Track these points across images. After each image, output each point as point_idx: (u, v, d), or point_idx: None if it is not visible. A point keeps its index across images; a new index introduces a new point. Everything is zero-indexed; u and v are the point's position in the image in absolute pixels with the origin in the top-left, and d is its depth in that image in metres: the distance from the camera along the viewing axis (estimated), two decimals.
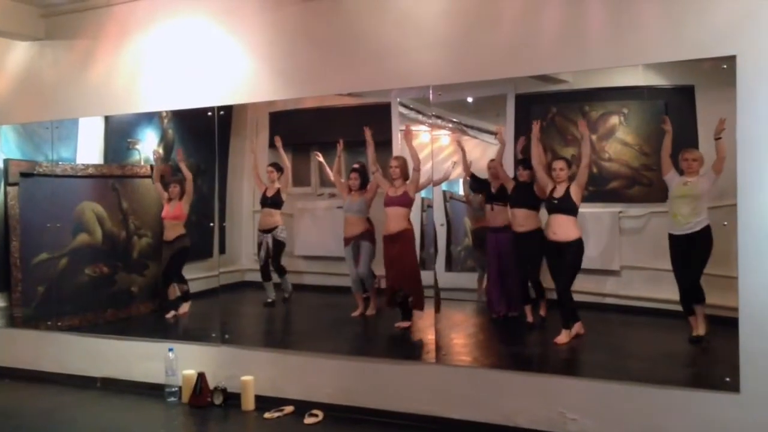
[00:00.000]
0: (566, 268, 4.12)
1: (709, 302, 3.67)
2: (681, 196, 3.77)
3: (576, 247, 4.06)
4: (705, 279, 3.67)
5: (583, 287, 4.18)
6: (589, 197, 4.16)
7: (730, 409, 3.46)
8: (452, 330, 4.60)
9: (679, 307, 3.77)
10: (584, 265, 4.15)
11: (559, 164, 4.13)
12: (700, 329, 3.73)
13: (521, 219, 4.29)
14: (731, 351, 3.45)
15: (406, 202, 4.55)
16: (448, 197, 4.73)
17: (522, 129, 4.23)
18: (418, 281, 4.56)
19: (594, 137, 4.10)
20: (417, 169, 4.49)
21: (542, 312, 4.33)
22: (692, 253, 3.76)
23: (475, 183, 4.56)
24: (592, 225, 4.17)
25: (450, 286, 4.58)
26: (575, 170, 4.08)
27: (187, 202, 5.25)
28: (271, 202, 5.13)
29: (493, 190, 4.45)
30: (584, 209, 4.15)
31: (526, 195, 4.25)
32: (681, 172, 3.77)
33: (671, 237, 3.81)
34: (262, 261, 5.13)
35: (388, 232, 4.61)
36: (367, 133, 4.61)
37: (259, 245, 5.14)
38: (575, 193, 4.06)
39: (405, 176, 4.57)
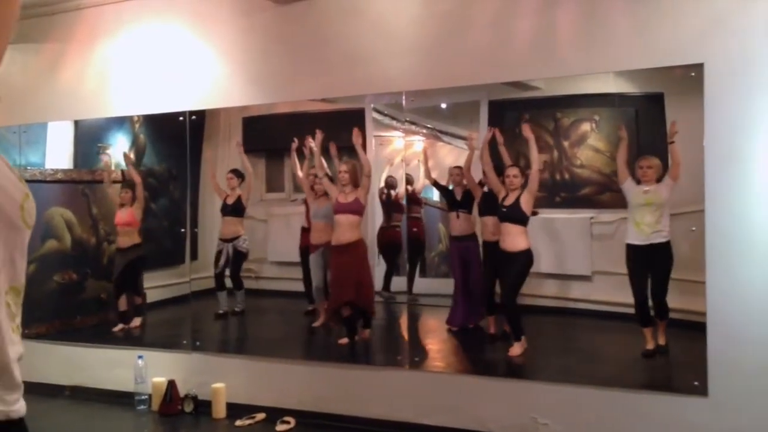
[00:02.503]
0: (512, 279, 4.05)
1: (677, 307, 3.71)
2: (644, 204, 3.76)
3: (523, 258, 4.00)
4: (672, 283, 3.71)
5: (555, 292, 4.21)
6: (562, 203, 4.19)
7: (699, 412, 3.49)
8: (425, 336, 4.60)
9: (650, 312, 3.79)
10: (557, 270, 4.18)
11: (512, 171, 4.06)
12: (660, 339, 3.75)
13: (492, 227, 4.21)
14: (699, 355, 3.49)
15: (356, 209, 4.42)
16: (423, 203, 4.73)
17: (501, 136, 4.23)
18: (371, 298, 4.50)
19: (566, 144, 4.13)
20: (368, 175, 4.40)
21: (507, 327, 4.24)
22: (654, 267, 3.78)
23: (438, 190, 4.54)
24: (565, 231, 4.20)
25: (424, 292, 4.58)
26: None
27: (139, 208, 5.13)
28: (232, 209, 4.98)
29: (457, 197, 4.43)
30: (557, 215, 4.18)
31: (496, 203, 4.16)
32: (638, 181, 3.79)
33: (631, 247, 3.81)
34: (219, 269, 4.99)
35: (338, 242, 4.45)
36: (317, 137, 4.53)
37: (219, 253, 4.99)
38: (526, 202, 3.97)
39: (355, 182, 4.45)
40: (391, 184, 4.70)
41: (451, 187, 4.46)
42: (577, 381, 3.84)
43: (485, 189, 4.26)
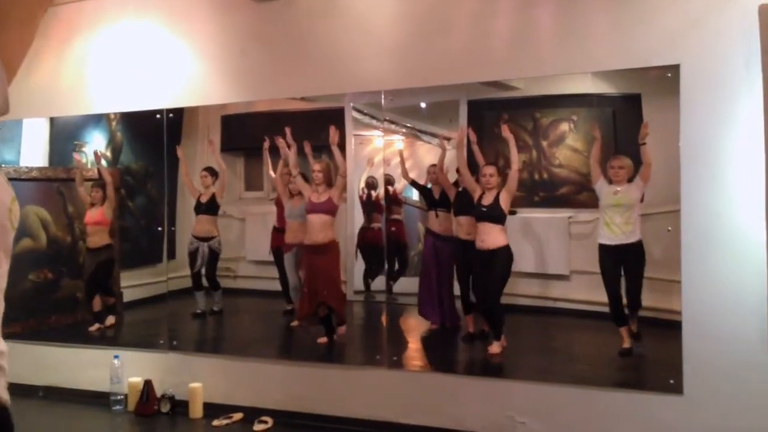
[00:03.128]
0: (496, 277, 4.04)
1: (654, 305, 3.74)
2: (614, 205, 3.79)
3: (505, 253, 4.01)
4: (648, 283, 3.74)
5: (534, 291, 4.23)
6: (540, 203, 4.21)
7: (674, 410, 3.53)
8: (405, 335, 4.60)
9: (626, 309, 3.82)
10: (535, 269, 4.19)
11: (489, 170, 4.07)
12: (634, 333, 3.78)
13: (467, 227, 4.21)
14: (675, 353, 3.52)
15: (330, 209, 4.40)
16: (403, 203, 4.72)
17: (475, 135, 4.24)
18: (342, 297, 4.50)
19: (545, 143, 4.15)
20: (342, 175, 4.38)
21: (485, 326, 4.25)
22: (626, 267, 3.81)
23: (416, 189, 4.54)
24: (543, 230, 4.22)
25: (403, 291, 4.58)
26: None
27: (109, 207, 5.08)
28: (206, 208, 4.94)
29: (435, 196, 4.42)
30: (535, 214, 4.20)
31: (470, 202, 4.16)
32: (610, 181, 3.82)
33: (603, 248, 3.84)
34: (197, 269, 4.95)
35: (312, 241, 4.43)
36: (285, 139, 4.52)
37: (195, 252, 4.95)
38: (504, 201, 3.99)
39: (329, 182, 4.43)
40: (371, 184, 4.69)
41: (429, 186, 4.46)
42: (555, 380, 3.86)
43: (460, 188, 4.27)
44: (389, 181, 4.51)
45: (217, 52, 4.62)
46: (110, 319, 5.22)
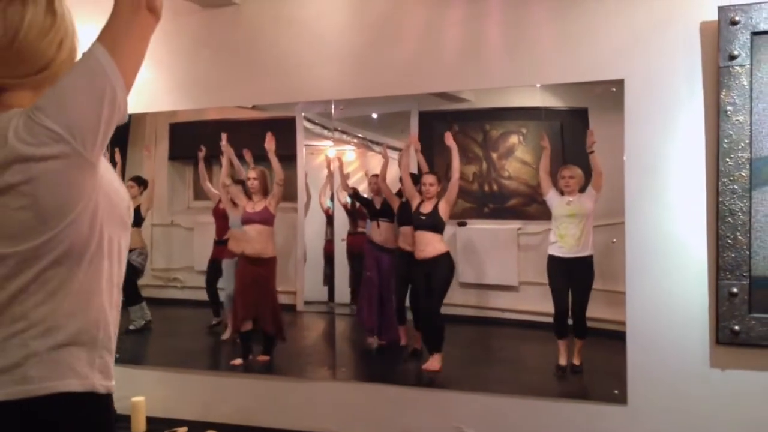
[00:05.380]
0: (437, 285, 4.03)
1: (600, 317, 3.79)
2: (567, 215, 3.82)
3: (446, 260, 4.01)
4: (594, 294, 3.79)
5: (482, 302, 4.23)
6: (490, 214, 4.23)
7: (619, 420, 3.57)
8: (352, 346, 4.56)
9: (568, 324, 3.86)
10: (484, 280, 4.20)
11: (429, 179, 4.08)
12: (575, 359, 3.80)
13: (410, 237, 4.18)
14: (620, 364, 3.57)
15: (266, 219, 4.34)
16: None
17: (425, 146, 4.25)
18: (278, 311, 4.43)
19: (494, 155, 4.18)
20: (279, 183, 4.33)
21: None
22: (574, 281, 3.84)
23: (356, 201, 4.51)
24: (492, 241, 4.24)
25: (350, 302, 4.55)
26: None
27: None
28: None
29: (377, 205, 4.40)
30: (485, 225, 4.22)
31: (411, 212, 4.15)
32: (561, 192, 3.86)
33: (553, 259, 3.87)
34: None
35: (248, 252, 4.37)
36: (223, 144, 4.44)
37: None
38: (443, 210, 3.99)
39: (265, 190, 4.39)
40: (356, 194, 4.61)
41: (370, 197, 4.44)
42: (502, 390, 3.87)
43: (404, 198, 4.26)
44: (356, 194, 4.47)
45: (164, 57, 4.54)
46: None
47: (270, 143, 4.29)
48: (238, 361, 4.45)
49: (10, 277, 1.46)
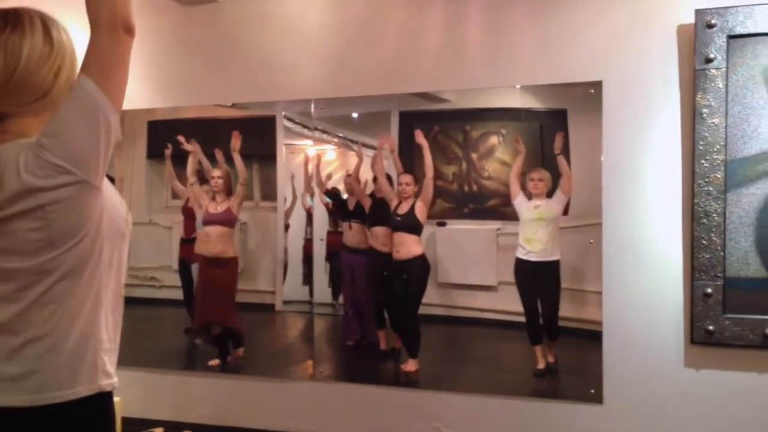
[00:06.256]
0: (412, 287, 4.03)
1: (577, 316, 3.81)
2: (536, 219, 3.84)
3: (421, 263, 4.01)
4: (572, 294, 3.81)
5: (461, 302, 4.24)
6: (470, 214, 4.23)
7: (595, 420, 3.60)
8: (331, 346, 4.54)
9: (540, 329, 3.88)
10: (463, 280, 4.21)
11: (405, 179, 4.07)
12: (549, 357, 3.83)
13: (383, 238, 4.19)
14: (597, 364, 3.59)
15: (228, 220, 4.29)
16: None
17: (405, 146, 4.25)
18: (235, 315, 4.38)
19: (474, 156, 4.19)
20: (243, 183, 4.29)
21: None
22: (542, 285, 3.86)
23: (331, 199, 4.48)
24: (472, 241, 4.24)
25: (329, 302, 4.53)
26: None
27: None
28: None
29: (349, 206, 4.38)
30: (464, 226, 4.22)
31: (386, 212, 4.14)
32: (529, 196, 3.87)
33: (520, 262, 3.89)
34: None
35: (207, 254, 4.31)
36: (191, 145, 4.40)
37: None
38: (420, 211, 3.99)
39: (229, 190, 4.34)
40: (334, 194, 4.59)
41: (345, 197, 4.42)
42: (480, 390, 3.89)
43: (375, 199, 4.24)
44: (335, 193, 4.44)
45: (142, 54, 4.48)
46: None
47: (235, 142, 4.25)
48: (215, 362, 4.42)
49: (23, 289, 1.59)
